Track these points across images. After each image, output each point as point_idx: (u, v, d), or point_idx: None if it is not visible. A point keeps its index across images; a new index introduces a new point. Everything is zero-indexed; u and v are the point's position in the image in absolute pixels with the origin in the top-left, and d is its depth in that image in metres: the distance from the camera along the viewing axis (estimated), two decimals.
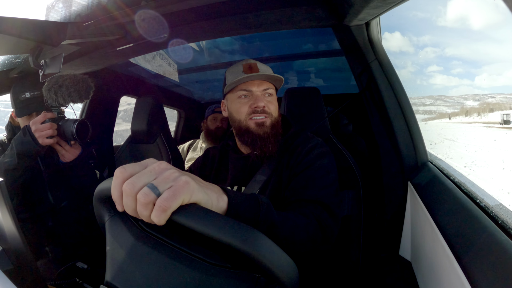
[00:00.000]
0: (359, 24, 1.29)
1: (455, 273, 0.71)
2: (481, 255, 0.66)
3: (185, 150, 3.02)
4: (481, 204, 0.82)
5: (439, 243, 0.85)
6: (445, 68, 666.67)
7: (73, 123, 1.42)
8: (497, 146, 34.28)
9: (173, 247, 0.61)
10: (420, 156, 1.39)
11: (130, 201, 0.56)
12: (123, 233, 0.64)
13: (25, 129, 1.39)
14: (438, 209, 0.97)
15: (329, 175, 1.15)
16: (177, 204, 0.53)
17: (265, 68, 1.27)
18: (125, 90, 2.61)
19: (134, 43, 1.47)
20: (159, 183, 0.55)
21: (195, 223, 0.53)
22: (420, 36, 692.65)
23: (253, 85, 1.24)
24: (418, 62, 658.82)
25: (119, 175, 0.57)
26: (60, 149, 1.48)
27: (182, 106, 3.75)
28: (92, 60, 1.72)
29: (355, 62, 1.66)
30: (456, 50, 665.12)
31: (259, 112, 1.23)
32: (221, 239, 0.51)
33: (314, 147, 1.22)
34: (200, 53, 2.72)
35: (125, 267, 0.61)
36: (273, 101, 1.27)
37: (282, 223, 0.83)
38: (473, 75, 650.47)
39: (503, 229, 0.67)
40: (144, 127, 2.14)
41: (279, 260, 0.54)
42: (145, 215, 0.55)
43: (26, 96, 1.50)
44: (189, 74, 3.19)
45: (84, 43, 1.34)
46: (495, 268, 0.60)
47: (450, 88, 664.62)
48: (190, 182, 0.56)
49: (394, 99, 1.44)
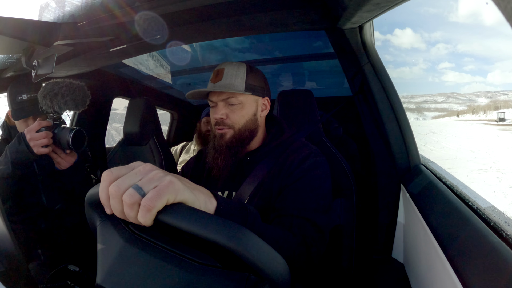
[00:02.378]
0: (353, 27, 1.30)
1: (447, 275, 0.71)
2: (473, 257, 0.67)
3: (178, 152, 3.01)
4: (473, 207, 0.82)
5: (431, 245, 0.86)
6: (457, 65, 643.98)
7: (69, 132, 1.39)
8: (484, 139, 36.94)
9: (162, 248, 0.62)
10: (413, 159, 1.40)
11: (116, 203, 0.57)
12: (113, 236, 0.65)
13: (20, 137, 1.36)
14: (431, 212, 0.97)
15: (320, 188, 1.13)
16: (161, 203, 0.54)
17: (234, 73, 1.20)
18: (118, 91, 2.59)
19: (128, 44, 1.47)
20: (144, 184, 0.56)
21: (180, 221, 0.53)
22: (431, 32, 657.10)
23: (213, 95, 1.22)
24: (430, 59, 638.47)
25: (105, 178, 0.58)
26: (55, 157, 1.45)
27: (175, 108, 3.73)
28: (85, 61, 1.70)
29: (348, 65, 1.67)
30: (469, 46, 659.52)
31: (219, 124, 1.21)
32: (206, 236, 0.51)
33: (308, 157, 1.19)
34: (194, 55, 2.71)
35: (115, 269, 0.61)
36: (237, 110, 1.21)
37: (267, 236, 0.82)
38: (486, 71, 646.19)
39: (495, 231, 0.67)
40: (136, 129, 2.12)
41: (266, 256, 0.53)
42: (131, 216, 0.56)
43: (23, 98, 1.47)
44: (182, 76, 3.19)
45: (77, 43, 1.33)
46: (487, 270, 0.61)
47: (462, 85, 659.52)
48: (174, 181, 0.57)
49: (387, 102, 1.45)
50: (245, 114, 1.22)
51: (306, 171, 1.15)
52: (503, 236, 0.65)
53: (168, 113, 3.77)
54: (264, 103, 1.29)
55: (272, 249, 0.55)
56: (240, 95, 1.20)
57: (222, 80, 1.19)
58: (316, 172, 1.15)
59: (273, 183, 1.18)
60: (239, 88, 1.19)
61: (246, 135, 1.23)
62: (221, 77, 1.19)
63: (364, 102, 1.64)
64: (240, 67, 1.22)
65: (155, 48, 1.70)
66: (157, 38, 1.40)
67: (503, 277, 0.56)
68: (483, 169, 18.41)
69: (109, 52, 1.56)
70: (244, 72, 1.21)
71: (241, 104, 1.21)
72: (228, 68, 1.21)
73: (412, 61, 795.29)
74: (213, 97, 1.22)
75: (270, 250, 0.54)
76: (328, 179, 1.18)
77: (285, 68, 3.18)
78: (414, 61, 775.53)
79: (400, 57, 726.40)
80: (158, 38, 1.40)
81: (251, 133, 1.24)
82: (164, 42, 1.45)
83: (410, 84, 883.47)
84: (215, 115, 1.21)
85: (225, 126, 1.21)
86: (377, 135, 1.55)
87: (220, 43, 2.59)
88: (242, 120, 1.22)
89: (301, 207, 1.06)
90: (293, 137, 1.29)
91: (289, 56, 2.84)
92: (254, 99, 1.24)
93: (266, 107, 1.30)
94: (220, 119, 1.20)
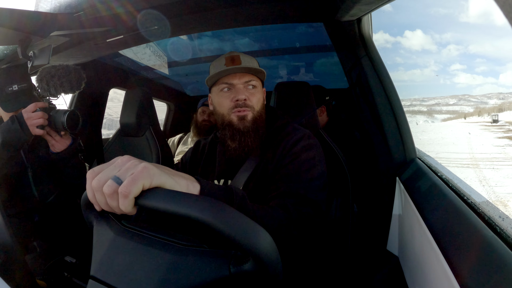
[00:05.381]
0: (351, 20, 1.30)
1: (441, 268, 0.72)
2: (467, 250, 0.68)
3: (176, 144, 3.00)
4: (468, 201, 0.83)
5: (426, 238, 0.86)
6: (468, 66, 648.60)
7: (64, 114, 1.40)
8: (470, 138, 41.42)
9: (149, 235, 0.64)
10: (409, 152, 1.40)
11: (99, 196, 0.60)
12: (106, 231, 0.68)
13: (13, 117, 1.36)
14: (426, 205, 0.98)
15: (315, 168, 1.13)
16: (137, 188, 0.57)
17: (249, 60, 1.25)
18: (115, 82, 2.58)
19: (124, 35, 1.46)
20: (121, 174, 0.59)
21: (157, 202, 0.56)
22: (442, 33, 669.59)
23: (234, 78, 1.22)
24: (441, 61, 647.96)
25: (89, 176, 0.62)
26: (50, 139, 1.46)
27: (172, 99, 3.72)
28: (81, 51, 1.70)
29: (345, 58, 1.66)
30: (480, 47, 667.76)
31: (240, 106, 1.21)
32: (181, 212, 0.53)
33: (301, 139, 1.19)
34: (191, 46, 2.70)
35: (105, 259, 0.64)
36: (256, 93, 1.24)
37: (257, 215, 0.84)
38: (497, 73, 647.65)
39: (489, 226, 0.68)
40: (133, 120, 2.12)
41: (245, 229, 0.53)
42: (114, 205, 0.59)
43: (13, 89, 1.46)
44: (179, 67, 3.17)
45: (73, 34, 1.32)
46: (481, 263, 0.61)
47: (474, 87, 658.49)
48: (149, 167, 0.59)
49: (383, 95, 1.45)
50: (260, 98, 1.26)
51: (299, 152, 1.15)
52: (497, 231, 0.65)
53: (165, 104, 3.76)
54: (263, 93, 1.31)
55: (253, 222, 0.55)
56: (257, 80, 1.25)
57: (242, 63, 1.21)
58: (309, 154, 1.16)
59: (267, 167, 1.19)
60: (260, 71, 1.23)
61: (261, 120, 1.26)
62: (239, 62, 1.21)
63: (361, 95, 1.64)
64: (249, 55, 1.26)
65: (152, 39, 1.69)
66: (153, 29, 1.39)
67: (497, 271, 0.57)
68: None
69: (106, 43, 1.55)
70: (255, 60, 1.26)
71: (258, 88, 1.25)
72: (242, 55, 1.23)
73: (423, 63, 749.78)
74: (234, 79, 1.22)
75: (249, 223, 0.54)
76: (322, 161, 1.18)
77: (282, 59, 3.16)
78: (425, 63, 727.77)
79: (411, 59, 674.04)
80: (154, 29, 1.39)
81: (261, 117, 1.26)
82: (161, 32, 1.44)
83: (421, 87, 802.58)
84: (240, 96, 1.20)
85: (247, 107, 1.22)
86: (373, 128, 1.55)
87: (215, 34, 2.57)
88: (259, 103, 1.25)
89: (296, 186, 1.06)
90: (286, 123, 1.30)
91: (286, 48, 2.83)
92: (261, 86, 1.29)
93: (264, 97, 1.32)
94: (243, 100, 1.20)
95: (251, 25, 1.42)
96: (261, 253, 0.52)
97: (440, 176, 1.08)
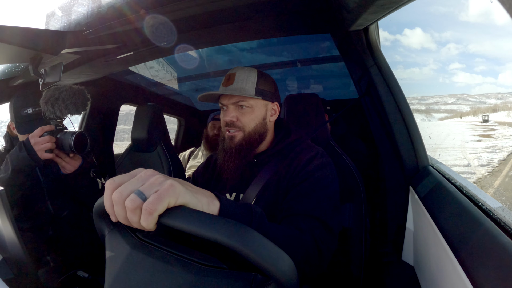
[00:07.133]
0: (358, 29, 1.30)
1: (458, 277, 0.70)
2: (484, 258, 0.66)
3: (186, 158, 3.02)
4: (483, 207, 0.81)
5: (441, 247, 0.85)
6: (467, 65, 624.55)
7: (71, 136, 1.40)
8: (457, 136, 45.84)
9: (167, 252, 0.63)
10: (421, 160, 1.39)
11: (119, 209, 0.58)
12: (120, 244, 0.66)
13: (21, 144, 1.37)
14: (440, 213, 0.96)
15: (328, 188, 1.13)
16: (163, 206, 0.55)
17: (245, 77, 1.22)
18: (125, 98, 2.62)
19: (134, 52, 1.48)
20: (145, 189, 0.57)
21: (181, 222, 0.54)
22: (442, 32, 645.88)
23: (225, 99, 1.24)
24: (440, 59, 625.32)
25: (109, 186, 0.60)
26: (60, 161, 1.46)
27: (182, 114, 3.75)
28: (92, 68, 1.72)
29: (354, 68, 1.66)
30: (480, 46, 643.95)
31: (229, 126, 1.23)
32: (207, 236, 0.51)
33: (314, 158, 1.20)
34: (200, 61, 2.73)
35: (121, 275, 0.62)
36: (248, 113, 1.23)
37: (275, 235, 0.82)
38: (497, 72, 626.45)
39: (506, 232, 0.66)
40: (144, 135, 2.14)
41: (269, 253, 0.52)
42: (135, 220, 0.57)
43: (28, 112, 1.49)
44: (189, 82, 3.20)
45: (84, 51, 1.34)
46: (498, 271, 0.60)
47: (473, 86, 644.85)
48: (175, 185, 0.58)
49: (393, 103, 1.44)
50: (255, 117, 1.24)
51: (313, 171, 1.15)
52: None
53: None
54: (274, 108, 1.30)
55: (276, 247, 0.54)
56: (251, 99, 1.22)
57: (233, 84, 1.21)
58: (322, 173, 1.16)
59: (279, 184, 1.18)
60: (250, 92, 1.21)
61: (255, 138, 1.24)
62: (232, 81, 1.21)
63: (371, 104, 1.63)
64: (251, 72, 1.24)
65: (161, 55, 1.71)
66: (163, 45, 1.41)
67: None
68: None
69: (116, 60, 1.58)
70: (255, 77, 1.23)
71: (251, 108, 1.23)
72: (240, 72, 1.23)
73: (422, 61, 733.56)
74: (224, 100, 1.24)
75: (273, 248, 0.53)
76: (335, 180, 1.18)
77: (291, 72, 3.18)
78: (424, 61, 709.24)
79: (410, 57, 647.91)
80: (164, 45, 1.41)
81: (261, 136, 1.26)
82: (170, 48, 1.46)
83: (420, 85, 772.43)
84: (226, 117, 1.23)
85: (235, 128, 1.22)
86: (384, 137, 1.54)
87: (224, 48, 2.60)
88: (252, 123, 1.23)
89: (309, 207, 1.05)
90: (299, 139, 1.30)
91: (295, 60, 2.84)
92: (263, 104, 1.26)
93: (275, 112, 1.31)
94: (230, 121, 1.22)
95: (258, 38, 1.44)
96: (284, 278, 0.52)
97: (454, 183, 1.06)
